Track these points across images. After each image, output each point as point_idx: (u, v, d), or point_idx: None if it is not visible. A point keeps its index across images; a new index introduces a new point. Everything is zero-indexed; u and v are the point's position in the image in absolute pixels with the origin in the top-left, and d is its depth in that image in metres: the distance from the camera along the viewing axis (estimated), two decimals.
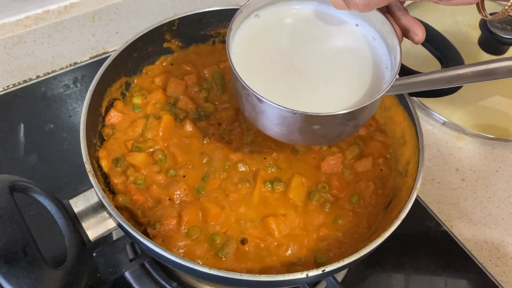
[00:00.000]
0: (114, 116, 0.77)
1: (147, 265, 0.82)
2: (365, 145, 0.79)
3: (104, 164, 0.71)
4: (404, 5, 0.66)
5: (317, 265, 0.65)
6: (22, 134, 1.01)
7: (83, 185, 0.66)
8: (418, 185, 0.67)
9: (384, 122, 0.83)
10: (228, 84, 0.84)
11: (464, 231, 0.94)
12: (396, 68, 0.62)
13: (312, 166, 0.76)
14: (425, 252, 0.91)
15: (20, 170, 0.96)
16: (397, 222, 0.63)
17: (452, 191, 0.99)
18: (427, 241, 0.93)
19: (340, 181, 0.74)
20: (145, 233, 0.67)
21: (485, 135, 1.06)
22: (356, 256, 0.60)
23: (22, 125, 1.02)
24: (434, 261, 0.90)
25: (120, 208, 0.67)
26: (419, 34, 0.64)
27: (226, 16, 0.87)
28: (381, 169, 0.77)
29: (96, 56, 1.16)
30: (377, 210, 0.73)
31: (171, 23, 0.84)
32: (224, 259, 0.66)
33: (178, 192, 0.70)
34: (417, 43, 0.66)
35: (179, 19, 0.84)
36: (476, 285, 0.87)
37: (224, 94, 0.83)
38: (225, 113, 0.80)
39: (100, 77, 0.73)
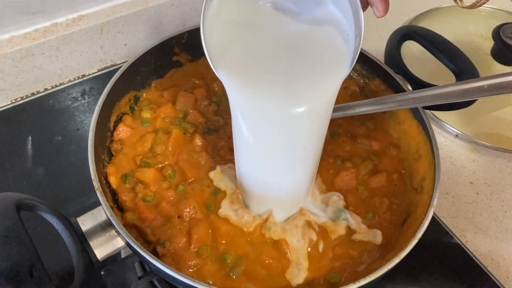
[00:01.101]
0: (122, 131, 0.76)
1: (156, 283, 0.80)
2: (379, 160, 0.78)
3: (113, 180, 0.70)
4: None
5: (330, 286, 0.63)
6: (29, 146, 1.00)
7: (90, 198, 0.65)
8: (435, 202, 0.66)
9: (398, 136, 0.81)
10: None
11: (480, 247, 0.91)
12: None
13: (327, 182, 0.74)
14: (440, 269, 0.88)
15: (27, 183, 0.95)
16: (414, 241, 0.61)
17: (467, 205, 0.96)
18: (442, 257, 0.90)
19: (355, 197, 0.73)
20: (154, 252, 0.65)
21: (499, 147, 1.03)
22: (372, 276, 0.58)
23: (30, 138, 1.02)
24: (450, 278, 0.87)
25: (128, 226, 0.66)
26: (380, 10, 0.59)
27: None
28: (396, 185, 0.76)
29: (104, 68, 1.15)
30: (393, 227, 0.71)
31: (180, 36, 0.83)
32: (234, 278, 0.64)
33: (188, 210, 0.68)
34: (378, 17, 0.60)
35: (188, 32, 0.83)
36: None
37: None
38: None
39: (108, 91, 0.73)
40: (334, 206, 0.71)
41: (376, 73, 0.85)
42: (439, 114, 1.07)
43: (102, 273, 0.65)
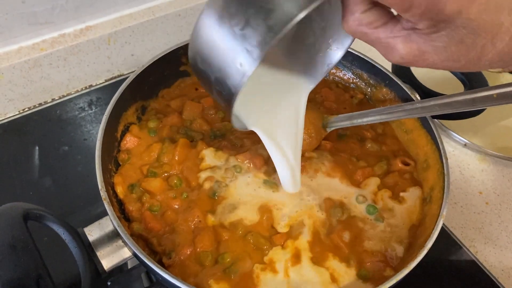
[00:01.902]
0: (129, 141, 0.76)
1: None
2: (389, 164, 0.78)
3: (120, 190, 0.70)
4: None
5: None
6: (37, 157, 1.00)
7: (97, 208, 0.65)
8: (444, 212, 0.65)
9: (407, 145, 0.80)
10: None
11: (490, 257, 0.90)
12: None
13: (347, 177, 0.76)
14: (449, 280, 0.87)
15: (34, 193, 0.95)
16: (424, 252, 0.61)
17: (476, 215, 0.95)
18: (451, 268, 0.89)
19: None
20: (160, 263, 0.65)
21: (508, 156, 1.02)
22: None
23: (37, 148, 1.02)
24: None
25: (135, 236, 0.66)
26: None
27: None
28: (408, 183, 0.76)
29: (112, 78, 1.15)
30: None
31: (187, 46, 0.83)
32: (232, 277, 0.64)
33: (193, 219, 0.68)
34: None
35: None
36: None
37: None
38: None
39: (116, 101, 0.73)
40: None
41: (384, 82, 0.84)
42: (447, 123, 1.07)
43: (109, 283, 0.64)
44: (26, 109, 1.08)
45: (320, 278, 0.64)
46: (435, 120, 0.95)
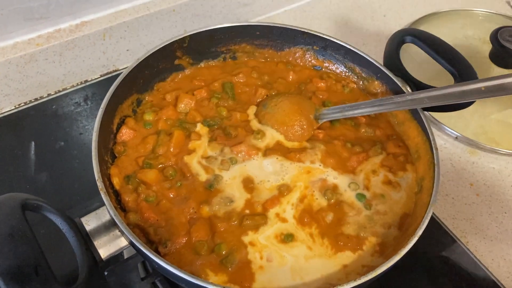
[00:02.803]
0: (125, 133, 0.77)
1: (158, 284, 0.80)
2: (384, 147, 0.80)
3: (116, 181, 0.71)
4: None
5: None
6: (33, 152, 1.01)
7: (94, 203, 0.66)
8: (435, 200, 0.66)
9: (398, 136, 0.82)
10: (239, 94, 0.85)
11: (480, 247, 0.92)
12: None
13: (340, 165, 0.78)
14: (441, 269, 0.89)
15: (30, 188, 0.95)
16: (414, 239, 0.62)
17: (467, 207, 0.97)
18: (442, 258, 0.91)
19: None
20: (156, 252, 0.66)
21: (498, 149, 1.04)
22: (372, 274, 0.59)
23: (33, 143, 1.02)
24: (451, 279, 0.88)
25: (131, 226, 0.67)
26: None
27: (236, 33, 0.87)
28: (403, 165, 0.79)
29: (107, 74, 1.16)
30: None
31: (182, 40, 0.84)
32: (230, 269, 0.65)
33: (189, 210, 0.69)
34: None
35: (190, 36, 0.84)
36: None
37: (235, 101, 0.84)
38: (240, 114, 0.82)
39: (111, 94, 0.73)
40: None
41: (376, 75, 0.86)
42: (439, 116, 1.08)
43: (106, 273, 0.65)
44: (22, 104, 1.08)
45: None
46: (426, 112, 0.97)
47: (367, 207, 0.73)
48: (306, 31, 0.89)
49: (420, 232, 0.63)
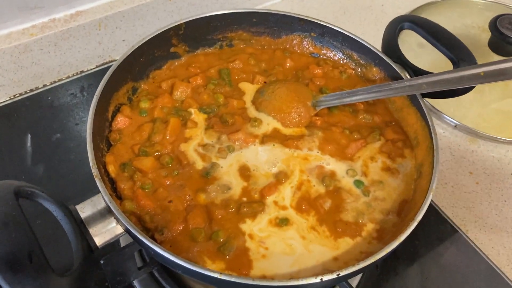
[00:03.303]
0: (121, 121, 0.76)
1: (156, 274, 0.80)
2: (382, 133, 0.80)
3: (111, 169, 0.70)
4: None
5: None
6: (29, 144, 1.00)
7: (90, 196, 0.64)
8: (434, 186, 0.65)
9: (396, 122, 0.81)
10: (235, 81, 0.84)
11: (480, 236, 0.91)
12: None
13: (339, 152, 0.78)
14: (440, 259, 0.88)
15: (27, 180, 0.95)
16: (414, 224, 0.61)
17: (467, 195, 0.96)
18: (442, 247, 0.90)
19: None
20: (153, 239, 0.65)
21: (498, 137, 1.04)
22: (372, 259, 0.58)
23: (29, 135, 1.01)
24: (451, 268, 0.87)
25: (127, 214, 0.66)
26: None
27: (233, 20, 0.86)
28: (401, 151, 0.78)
29: (103, 64, 1.15)
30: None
31: (177, 27, 0.83)
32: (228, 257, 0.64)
33: (185, 197, 0.68)
34: None
35: (185, 23, 0.83)
36: None
37: (232, 87, 0.83)
38: (237, 101, 0.81)
39: (106, 81, 0.72)
40: None
41: (374, 62, 0.85)
42: (438, 105, 1.08)
43: (102, 262, 0.64)
44: (18, 95, 1.07)
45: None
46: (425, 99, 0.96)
47: (365, 193, 0.72)
48: (303, 17, 0.88)
49: (419, 217, 0.62)
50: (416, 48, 1.12)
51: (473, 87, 0.75)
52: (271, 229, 0.67)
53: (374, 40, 0.88)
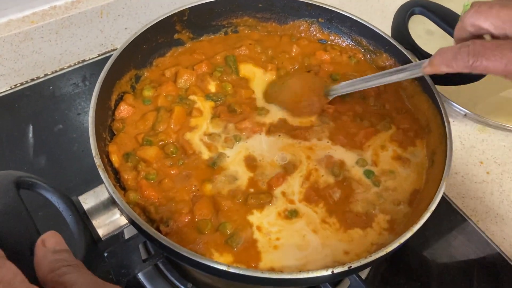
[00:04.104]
0: (124, 110, 0.74)
1: (161, 266, 0.79)
2: (393, 122, 0.78)
3: (115, 159, 0.68)
4: None
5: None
6: (31, 135, 0.99)
7: (94, 186, 0.63)
8: (448, 174, 0.63)
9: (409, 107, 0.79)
10: (241, 68, 0.82)
11: (491, 226, 0.89)
12: None
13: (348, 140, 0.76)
14: (451, 249, 0.87)
15: (29, 171, 0.92)
16: (427, 214, 0.59)
17: (477, 185, 0.94)
18: (452, 238, 0.88)
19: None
20: (158, 231, 0.63)
21: (509, 126, 1.01)
22: (384, 250, 0.56)
23: (31, 126, 1.00)
24: (462, 259, 0.85)
25: (131, 205, 0.64)
26: None
27: (238, 5, 0.84)
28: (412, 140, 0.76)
29: (105, 53, 1.13)
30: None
31: (181, 13, 0.81)
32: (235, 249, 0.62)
33: (191, 187, 0.67)
34: None
35: (189, 8, 0.81)
36: (509, 283, 0.83)
37: (239, 75, 0.81)
38: (244, 91, 0.79)
39: (109, 69, 0.70)
40: None
41: (384, 48, 0.82)
42: (447, 94, 1.05)
43: (106, 254, 0.63)
44: (18, 85, 1.05)
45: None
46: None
47: (376, 183, 0.70)
48: (310, 2, 0.85)
49: (433, 207, 0.60)
50: (424, 35, 1.10)
51: (485, 74, 0.73)
52: (280, 221, 0.65)
53: (382, 27, 0.86)
